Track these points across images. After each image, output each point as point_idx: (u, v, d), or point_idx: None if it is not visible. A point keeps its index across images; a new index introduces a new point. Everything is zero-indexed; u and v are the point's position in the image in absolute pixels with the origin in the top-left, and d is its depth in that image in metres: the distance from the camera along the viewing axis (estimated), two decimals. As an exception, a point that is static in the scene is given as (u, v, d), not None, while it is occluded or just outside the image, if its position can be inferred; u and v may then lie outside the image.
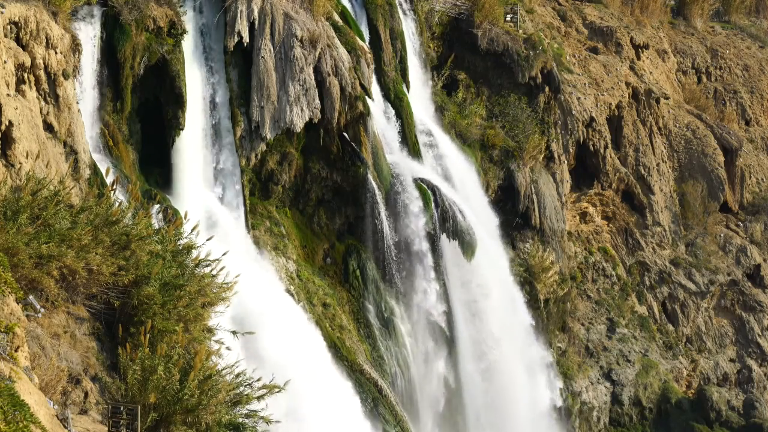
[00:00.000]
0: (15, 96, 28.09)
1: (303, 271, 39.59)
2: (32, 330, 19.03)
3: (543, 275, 49.29)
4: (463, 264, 43.53)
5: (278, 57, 38.60)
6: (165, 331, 20.29)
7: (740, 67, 68.67)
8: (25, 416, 14.22)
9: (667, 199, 58.52)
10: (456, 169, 46.20)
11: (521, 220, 49.33)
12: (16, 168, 27.05)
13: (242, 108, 38.20)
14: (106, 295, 21.17)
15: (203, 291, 21.77)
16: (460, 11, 50.78)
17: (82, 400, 18.92)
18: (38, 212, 20.40)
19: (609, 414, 52.33)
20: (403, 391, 40.87)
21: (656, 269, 57.05)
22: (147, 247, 21.58)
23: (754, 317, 58.52)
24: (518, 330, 46.77)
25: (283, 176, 39.99)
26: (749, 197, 62.65)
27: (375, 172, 41.01)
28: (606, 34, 60.74)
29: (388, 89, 44.37)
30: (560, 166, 52.16)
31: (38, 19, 29.65)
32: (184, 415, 18.93)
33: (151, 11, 35.37)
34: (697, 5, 69.61)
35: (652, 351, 54.41)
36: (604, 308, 54.49)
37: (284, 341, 33.71)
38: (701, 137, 61.06)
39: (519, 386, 46.10)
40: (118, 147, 34.79)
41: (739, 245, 59.81)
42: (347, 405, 36.40)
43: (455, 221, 42.87)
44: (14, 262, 18.95)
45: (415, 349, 42.14)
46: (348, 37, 41.30)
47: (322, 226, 41.36)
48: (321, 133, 39.97)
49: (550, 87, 51.57)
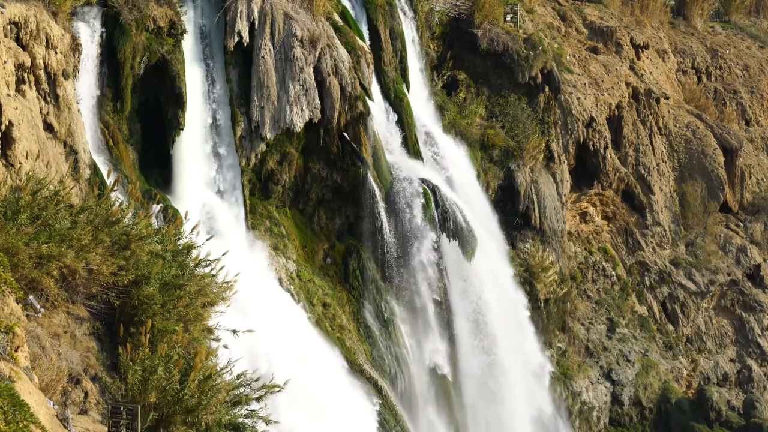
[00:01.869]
0: (15, 96, 28.09)
1: (303, 271, 39.59)
2: (32, 330, 19.03)
3: (543, 275, 49.28)
4: (463, 264, 43.52)
5: (278, 57, 38.60)
6: (165, 331, 20.28)
7: (740, 67, 68.66)
8: (25, 416, 14.21)
9: (667, 199, 58.52)
10: (456, 169, 46.19)
11: (521, 220, 49.33)
12: (16, 168, 27.05)
13: (242, 108, 38.20)
14: (106, 295, 21.16)
15: (203, 291, 21.76)
16: (460, 11, 50.77)
17: (82, 400, 18.92)
18: (38, 212, 20.39)
19: (609, 414, 52.32)
20: (403, 391, 40.87)
21: (656, 269, 57.04)
22: (147, 247, 21.58)
23: (754, 317, 58.51)
24: (518, 330, 46.77)
25: (283, 176, 39.99)
26: (749, 197, 62.64)
27: (375, 172, 41.01)
28: (606, 34, 60.73)
29: (388, 89, 44.36)
30: (560, 166, 52.15)
31: (38, 19, 29.65)
32: (184, 415, 18.93)
33: (151, 11, 35.37)
34: (697, 5, 69.60)
35: (652, 351, 54.40)
36: (604, 308, 54.48)
37: (283, 340, 33.75)
38: (701, 137, 61.05)
39: (518, 385, 46.09)
40: (118, 147, 34.78)
41: (739, 245, 59.80)
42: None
43: (455, 221, 42.85)
44: (14, 262, 18.94)
45: (414, 348, 42.14)
46: (348, 37, 41.29)
47: (322, 226, 41.36)
48: (321, 133, 39.97)
49: (550, 87, 51.57)
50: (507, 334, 45.41)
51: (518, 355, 46.26)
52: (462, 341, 43.77)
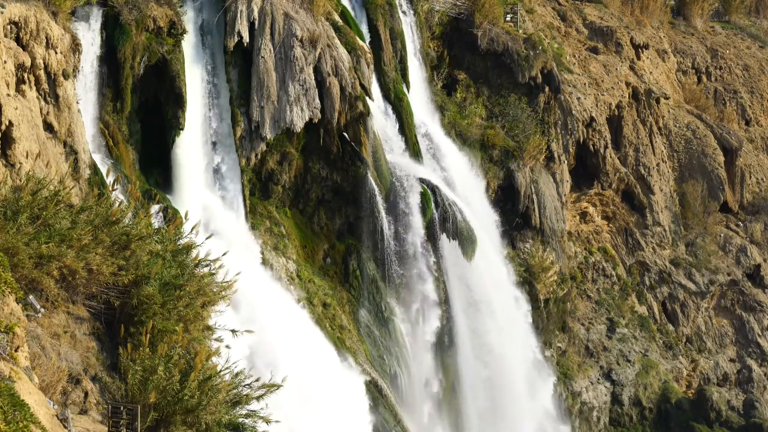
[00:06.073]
0: (15, 96, 28.09)
1: (303, 271, 39.59)
2: (32, 330, 19.01)
3: (543, 275, 49.29)
4: (463, 264, 43.53)
5: (278, 57, 38.60)
6: (165, 331, 20.25)
7: (740, 67, 68.66)
8: (25, 416, 14.21)
9: (667, 199, 58.52)
10: (456, 169, 46.21)
11: (521, 220, 49.33)
12: (16, 168, 27.05)
13: (242, 108, 38.21)
14: (106, 295, 21.13)
15: (203, 291, 21.74)
16: (460, 11, 50.78)
17: (82, 400, 18.91)
18: (38, 212, 20.37)
19: (609, 414, 52.32)
20: (403, 391, 40.87)
21: (656, 269, 57.04)
22: (147, 247, 21.55)
23: (754, 317, 58.51)
24: (518, 329, 46.78)
25: (283, 176, 39.99)
26: (749, 197, 62.65)
27: (375, 172, 41.01)
28: (606, 34, 60.72)
29: (388, 89, 44.37)
30: (560, 166, 52.16)
31: (38, 19, 29.65)
32: (184, 415, 18.91)
33: (151, 11, 35.37)
34: (697, 5, 69.60)
35: (652, 351, 54.41)
36: (604, 308, 54.48)
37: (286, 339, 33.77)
38: (701, 137, 61.05)
39: (519, 385, 46.10)
40: (118, 147, 34.78)
41: (739, 245, 59.80)
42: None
43: (455, 221, 42.86)
44: (14, 262, 18.92)
45: (414, 348, 42.15)
46: (348, 37, 41.29)
47: (322, 226, 41.36)
48: (321, 133, 39.97)
49: (550, 87, 51.57)
50: (507, 333, 45.43)
51: (518, 355, 46.28)
52: (462, 340, 43.78)
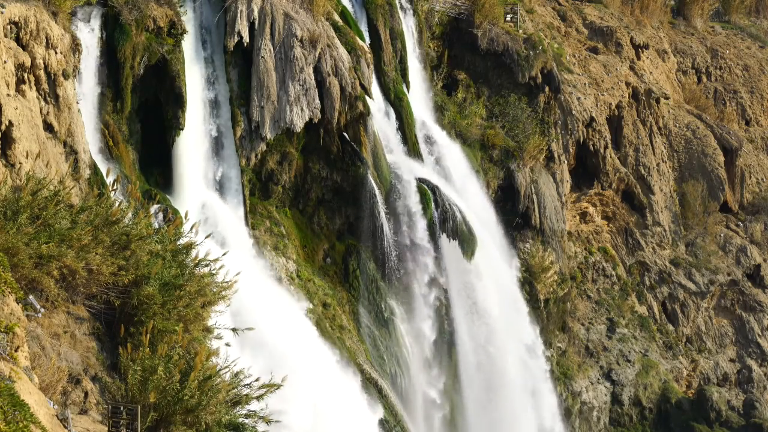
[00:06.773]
0: (15, 96, 28.09)
1: (303, 271, 39.60)
2: (32, 330, 19.02)
3: (543, 275, 49.29)
4: (463, 264, 43.53)
5: (278, 57, 38.60)
6: (165, 331, 20.25)
7: (740, 67, 68.66)
8: (25, 416, 14.21)
9: (667, 199, 58.52)
10: (456, 169, 46.21)
11: (521, 220, 49.33)
12: (16, 168, 27.05)
13: (242, 108, 38.20)
14: (106, 295, 21.13)
15: (203, 291, 21.74)
16: (460, 11, 50.78)
17: (82, 400, 18.91)
18: (38, 212, 20.37)
19: (609, 414, 52.32)
20: (403, 391, 40.87)
21: (656, 269, 57.04)
22: (147, 247, 21.55)
23: (754, 317, 58.51)
24: (518, 329, 46.78)
25: (283, 176, 39.99)
26: (749, 197, 62.65)
27: (375, 172, 41.01)
28: (606, 34, 60.72)
29: (388, 89, 44.37)
30: (560, 166, 52.16)
31: (38, 19, 29.65)
32: (184, 415, 18.91)
33: (151, 11, 35.36)
34: (697, 5, 69.61)
35: (652, 351, 54.41)
36: (604, 308, 54.48)
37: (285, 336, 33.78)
38: (701, 137, 61.06)
39: (519, 385, 46.10)
40: (118, 147, 34.78)
41: (739, 245, 59.80)
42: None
43: (455, 221, 42.87)
44: (14, 262, 18.92)
45: (414, 348, 42.15)
46: (348, 37, 41.29)
47: (322, 226, 41.36)
48: (321, 133, 39.97)
49: (550, 87, 51.57)
50: (507, 333, 45.43)
51: (518, 355, 46.28)
52: (462, 340, 43.79)
